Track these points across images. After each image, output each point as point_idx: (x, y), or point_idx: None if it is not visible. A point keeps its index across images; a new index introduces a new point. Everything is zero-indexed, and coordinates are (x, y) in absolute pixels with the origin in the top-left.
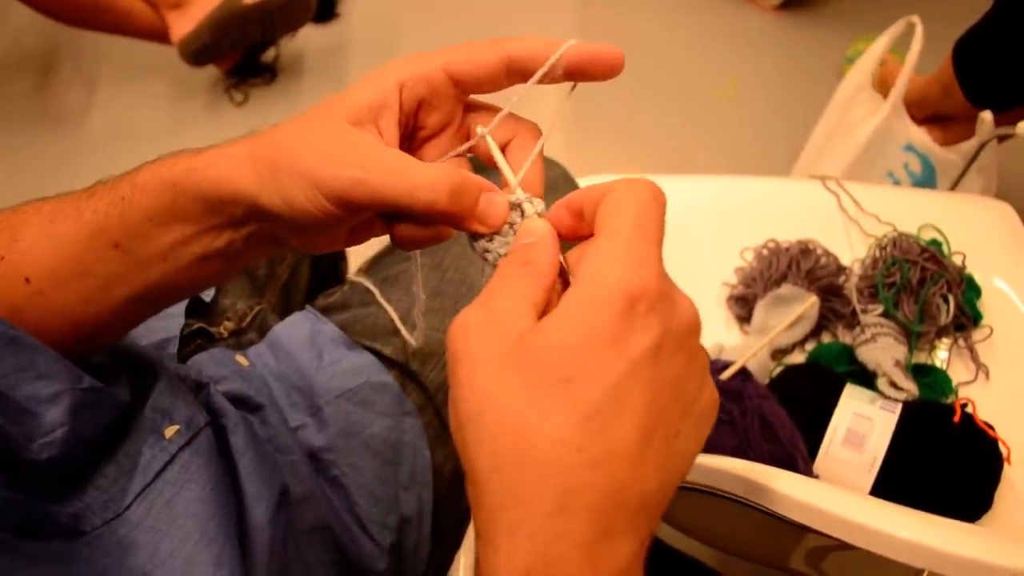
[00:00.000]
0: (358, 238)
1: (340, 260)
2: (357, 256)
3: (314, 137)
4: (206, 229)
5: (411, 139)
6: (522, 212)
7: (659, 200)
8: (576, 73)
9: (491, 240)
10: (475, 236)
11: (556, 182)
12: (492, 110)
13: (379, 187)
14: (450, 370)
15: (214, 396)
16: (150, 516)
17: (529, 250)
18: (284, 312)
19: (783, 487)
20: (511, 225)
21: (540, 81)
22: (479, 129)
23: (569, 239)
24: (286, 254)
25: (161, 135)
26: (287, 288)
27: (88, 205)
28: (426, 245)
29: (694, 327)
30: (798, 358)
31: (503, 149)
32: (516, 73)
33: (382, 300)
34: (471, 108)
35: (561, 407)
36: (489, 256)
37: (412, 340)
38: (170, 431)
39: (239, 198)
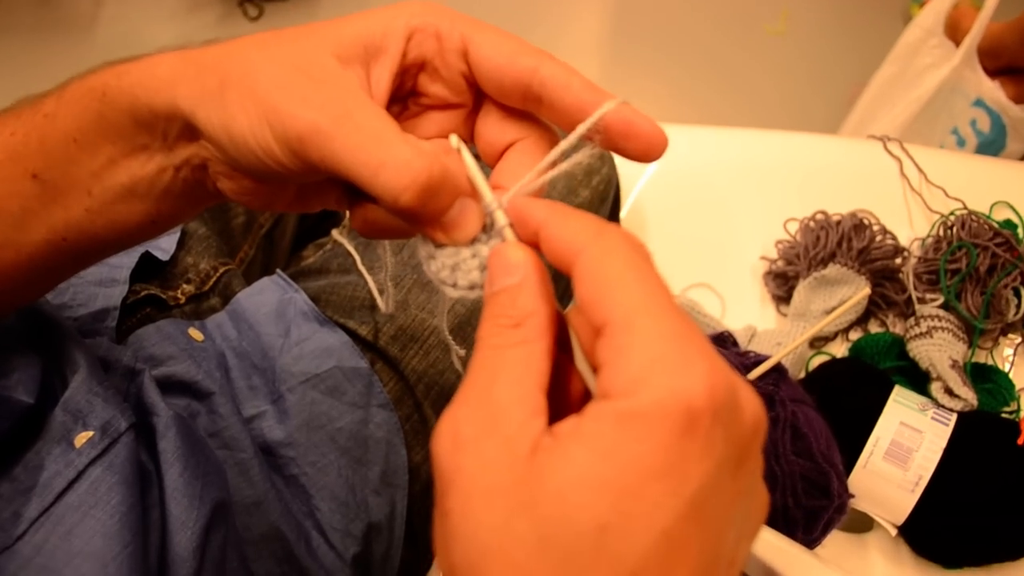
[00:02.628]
0: (306, 204)
1: None
2: None
3: (284, 60)
4: (135, 149)
5: (404, 104)
6: (493, 234)
7: (646, 254)
8: (604, 139)
9: (441, 251)
10: (435, 246)
11: None
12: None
13: (339, 148)
14: (438, 491)
15: (146, 388)
16: (44, 551)
17: (518, 303)
18: (266, 267)
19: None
20: (474, 243)
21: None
22: (452, 138)
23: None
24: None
25: (171, 47)
26: (270, 237)
27: (5, 126)
28: (392, 237)
29: (760, 428)
30: (840, 347)
31: (505, 149)
32: (534, 101)
33: (362, 268)
34: (481, 109)
35: (592, 566)
36: (443, 281)
37: (383, 306)
38: (81, 439)
39: (173, 110)
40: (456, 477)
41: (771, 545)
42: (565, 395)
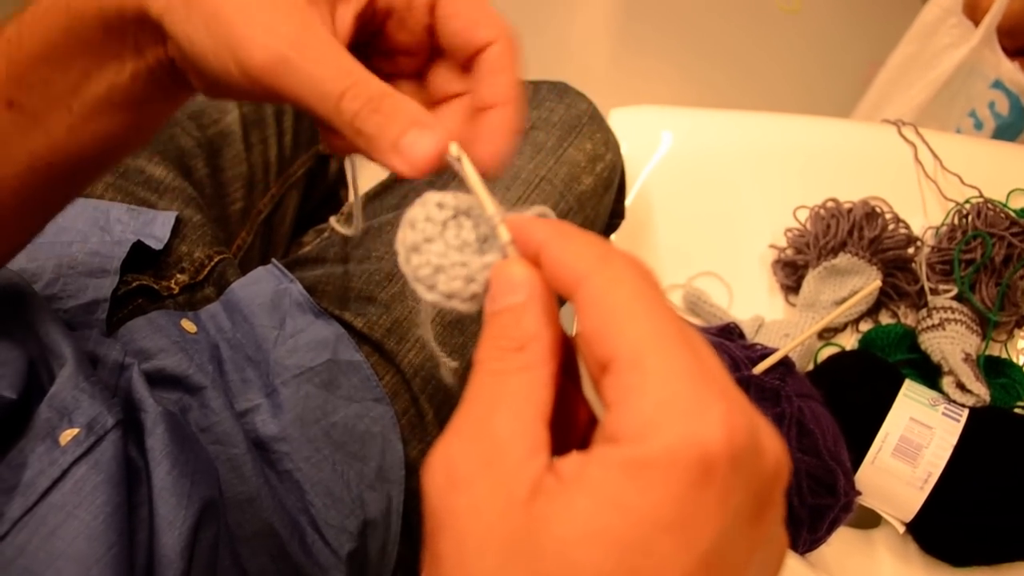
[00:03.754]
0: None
1: (341, 186)
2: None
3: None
4: (107, 59)
5: (366, 53)
6: (490, 248)
7: (654, 281)
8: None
9: (429, 246)
10: (423, 239)
11: (579, 120)
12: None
13: (300, 79)
14: (428, 530)
15: (135, 383)
16: (26, 553)
17: (521, 324)
18: (264, 254)
19: None
20: (464, 250)
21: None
22: (452, 147)
23: None
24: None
25: None
26: (269, 223)
27: None
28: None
29: (782, 471)
30: (849, 338)
31: (449, 98)
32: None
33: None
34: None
35: None
36: (420, 279)
37: (347, 231)
38: (66, 436)
39: (143, 14)
40: (449, 519)
41: None
42: (570, 422)
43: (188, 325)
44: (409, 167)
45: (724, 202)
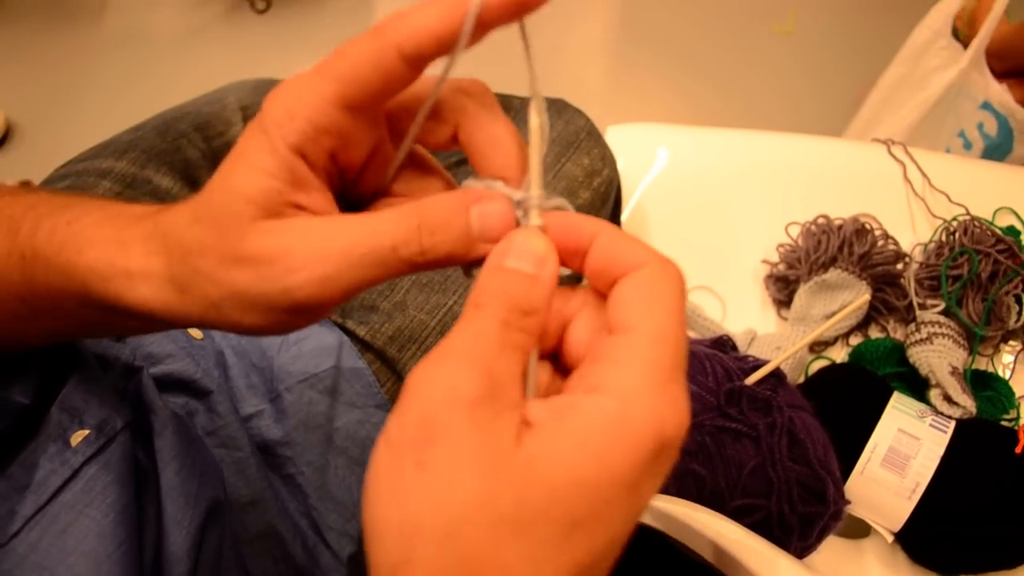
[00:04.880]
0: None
1: None
2: None
3: (232, 248)
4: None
5: (343, 181)
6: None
7: (686, 295)
8: (494, 19)
9: None
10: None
11: (577, 136)
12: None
13: (347, 273)
14: (414, 440)
15: (145, 386)
16: (39, 549)
17: (533, 296)
18: None
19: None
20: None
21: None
22: (537, 127)
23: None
24: None
25: (178, 39)
26: None
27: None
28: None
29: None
30: (840, 352)
31: (455, 135)
32: (417, 59)
33: None
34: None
35: (557, 556)
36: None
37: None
38: (77, 438)
39: (178, 322)
40: (445, 433)
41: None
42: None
43: (195, 332)
44: (496, 241)
45: (718, 218)
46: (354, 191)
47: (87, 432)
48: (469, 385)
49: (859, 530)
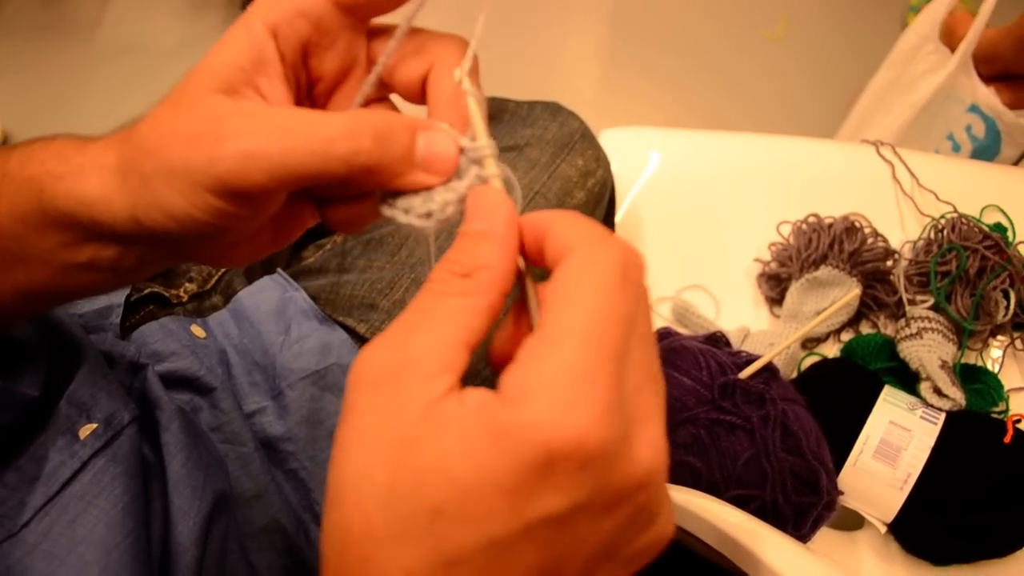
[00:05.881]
0: (286, 235)
1: None
2: None
3: (179, 120)
4: (87, 238)
5: (309, 98)
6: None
7: (633, 280)
8: None
9: (414, 195)
10: (391, 194)
11: (571, 138)
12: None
13: (277, 155)
14: (339, 420)
15: (150, 382)
16: (49, 538)
17: (475, 252)
18: (266, 267)
19: (765, 554)
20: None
21: None
22: (457, 80)
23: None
24: None
25: (174, 51)
26: None
27: None
28: (368, 223)
29: (649, 481)
30: (832, 348)
31: (422, 86)
32: None
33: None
34: (376, 35)
35: (419, 538)
36: (413, 221)
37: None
38: (85, 431)
39: (116, 219)
40: (349, 411)
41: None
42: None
43: (198, 330)
44: (439, 174)
45: (710, 218)
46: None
47: (95, 426)
48: (377, 365)
49: (853, 522)
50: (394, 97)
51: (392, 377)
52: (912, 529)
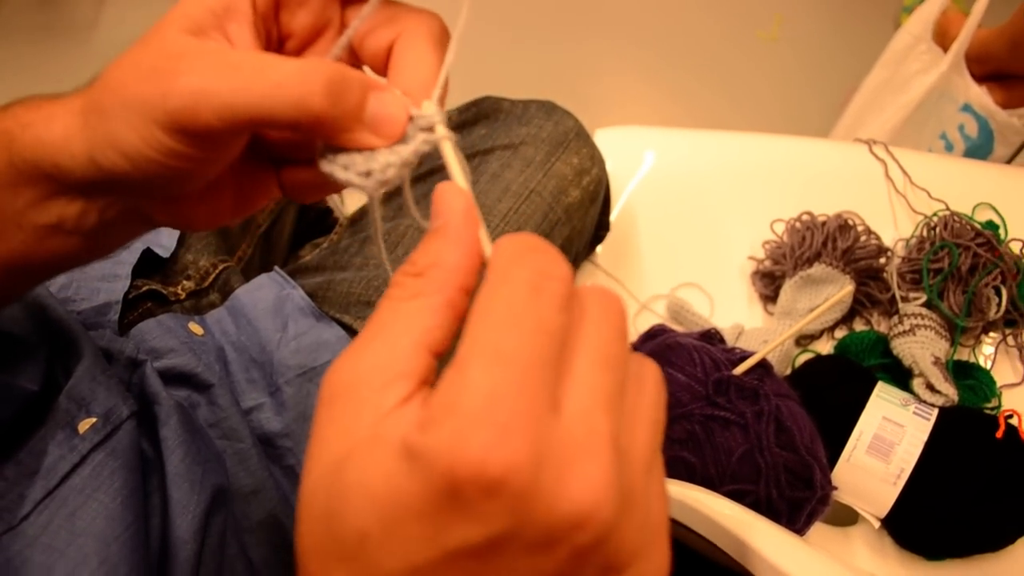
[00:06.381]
0: (247, 202)
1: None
2: (356, 201)
3: (141, 57)
4: (54, 193)
5: (279, 53)
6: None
7: (544, 290)
8: None
9: (356, 153)
10: (331, 149)
11: (566, 137)
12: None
13: (227, 94)
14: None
15: (148, 377)
16: (48, 531)
17: (428, 250)
18: (263, 266)
19: (758, 544)
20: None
21: None
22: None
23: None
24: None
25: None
26: (268, 237)
27: None
28: (324, 193)
29: (581, 521)
30: (826, 345)
31: (387, 56)
32: None
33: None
34: (353, 3)
35: (347, 561)
36: (352, 178)
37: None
38: (84, 425)
39: (75, 163)
40: (314, 428)
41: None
42: None
43: (195, 328)
44: (385, 136)
45: (705, 217)
46: None
47: (94, 420)
48: (335, 383)
49: (847, 518)
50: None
51: (345, 391)
52: (905, 524)
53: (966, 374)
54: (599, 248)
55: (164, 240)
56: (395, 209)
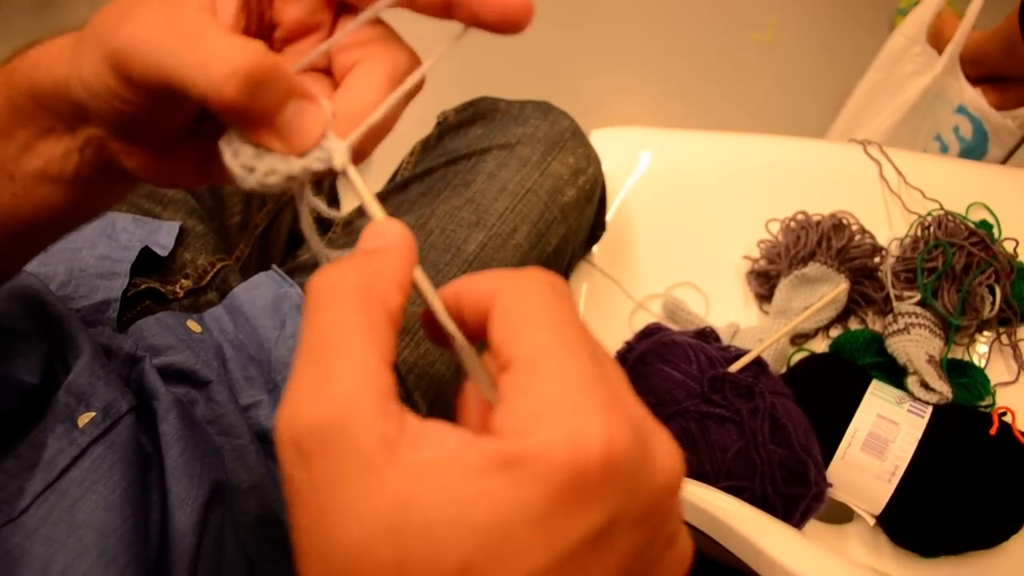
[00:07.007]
0: (213, 169)
1: (332, 204)
2: (351, 202)
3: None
4: (43, 132)
5: (268, 40)
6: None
7: (564, 294)
8: (458, 10)
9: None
10: (239, 140)
11: (562, 136)
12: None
13: (153, 51)
14: (287, 500)
15: (147, 373)
16: (48, 523)
17: (373, 263)
18: (261, 265)
19: (755, 536)
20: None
21: (415, 9)
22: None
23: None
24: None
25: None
26: (265, 236)
27: None
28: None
29: (674, 485)
30: (820, 344)
31: (343, 76)
32: None
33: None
34: (347, 12)
35: None
36: (234, 167)
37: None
38: (84, 419)
39: (59, 87)
40: (304, 492)
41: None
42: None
43: (193, 325)
44: (291, 147)
45: (700, 216)
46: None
47: (94, 414)
48: (312, 431)
49: (842, 516)
50: None
51: (335, 433)
52: (900, 521)
53: (960, 372)
54: (595, 248)
55: (162, 239)
56: (392, 207)
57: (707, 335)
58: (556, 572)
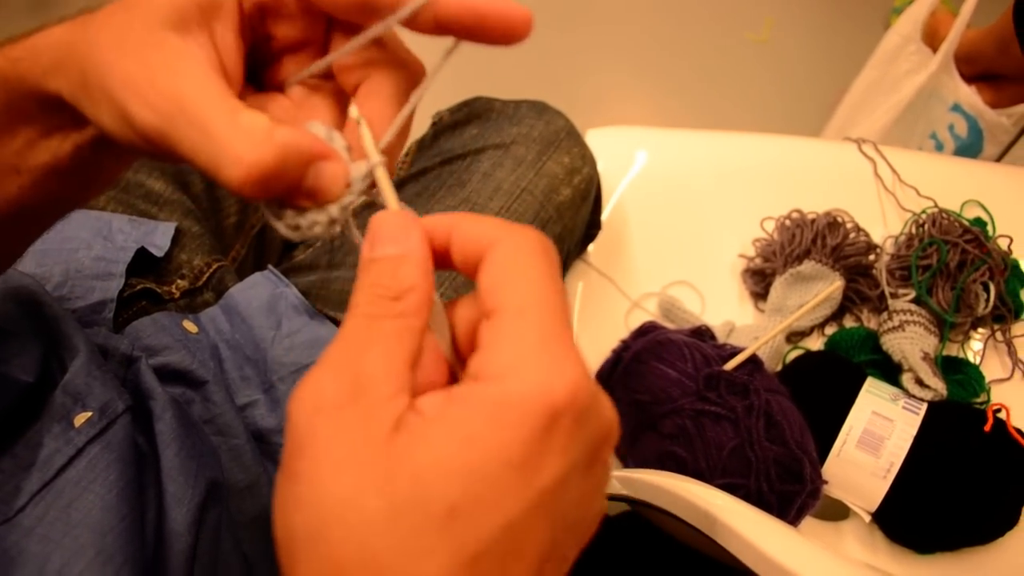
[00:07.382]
0: None
1: None
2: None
3: (127, 49)
4: (50, 130)
5: (264, 50)
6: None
7: (553, 258)
8: (453, 28)
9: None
10: (279, 204)
11: (557, 136)
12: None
13: (179, 147)
14: (287, 451)
15: (143, 373)
16: (44, 522)
17: (399, 274)
18: (257, 265)
19: (749, 532)
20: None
21: (409, 27)
22: (352, 111)
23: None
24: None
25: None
26: (261, 237)
27: None
28: None
29: (613, 434)
30: (816, 342)
31: (352, 92)
32: (372, 11)
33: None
34: (342, 31)
35: (437, 546)
36: (281, 229)
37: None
38: (80, 419)
39: (63, 100)
40: (310, 441)
41: (715, 500)
42: (437, 373)
43: (189, 326)
44: (320, 204)
45: (695, 215)
46: (256, 77)
47: (90, 414)
48: (330, 391)
49: (838, 513)
50: None
51: (352, 401)
52: (896, 518)
53: (955, 369)
54: (591, 247)
55: (158, 240)
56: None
57: (703, 333)
58: (528, 519)
